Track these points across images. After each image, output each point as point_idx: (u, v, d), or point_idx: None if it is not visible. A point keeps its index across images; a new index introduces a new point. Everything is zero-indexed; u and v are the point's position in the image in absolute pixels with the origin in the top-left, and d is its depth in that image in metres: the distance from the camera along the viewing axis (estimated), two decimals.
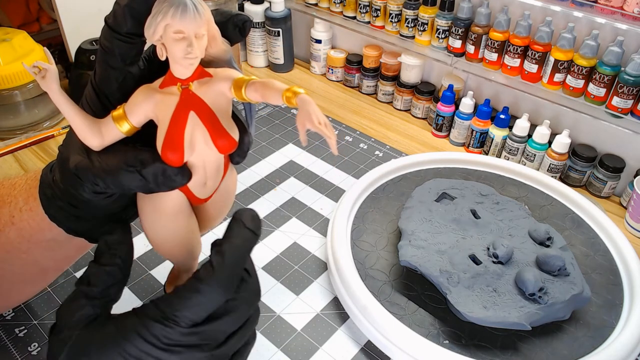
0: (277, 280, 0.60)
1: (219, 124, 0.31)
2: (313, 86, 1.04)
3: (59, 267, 0.44)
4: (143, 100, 0.31)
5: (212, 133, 0.30)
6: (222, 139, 0.31)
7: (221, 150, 0.31)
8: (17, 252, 0.38)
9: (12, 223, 0.37)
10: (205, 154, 0.31)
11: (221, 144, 0.31)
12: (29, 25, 1.00)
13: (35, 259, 0.39)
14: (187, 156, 0.31)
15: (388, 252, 0.61)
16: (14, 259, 0.38)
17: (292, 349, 0.53)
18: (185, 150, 0.30)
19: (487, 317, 0.49)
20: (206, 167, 0.33)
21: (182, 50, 0.28)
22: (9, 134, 0.85)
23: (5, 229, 0.38)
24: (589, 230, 0.65)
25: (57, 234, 0.36)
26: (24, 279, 0.42)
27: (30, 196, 0.37)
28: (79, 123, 0.31)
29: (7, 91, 0.82)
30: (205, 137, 0.30)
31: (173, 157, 0.30)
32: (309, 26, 1.05)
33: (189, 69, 0.30)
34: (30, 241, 0.37)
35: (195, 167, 0.32)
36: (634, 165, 0.76)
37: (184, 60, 0.29)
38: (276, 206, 0.71)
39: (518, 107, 0.86)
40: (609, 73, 0.69)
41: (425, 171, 0.74)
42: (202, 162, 0.32)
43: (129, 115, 0.31)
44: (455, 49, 0.84)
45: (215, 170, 0.33)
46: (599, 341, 0.52)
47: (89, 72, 0.90)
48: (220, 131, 0.31)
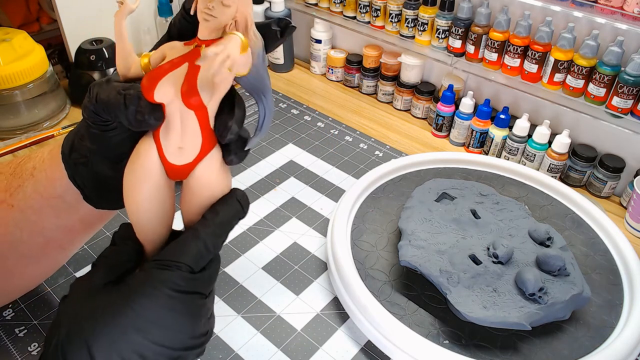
0: (277, 280, 0.60)
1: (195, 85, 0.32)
2: (313, 86, 1.04)
3: (62, 244, 0.45)
4: (166, 45, 0.34)
5: (185, 86, 0.32)
6: (192, 97, 0.32)
7: (184, 98, 0.32)
8: (30, 211, 0.41)
9: (32, 175, 0.41)
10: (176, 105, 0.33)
11: (188, 98, 0.32)
12: (29, 25, 1.00)
13: (42, 227, 0.42)
14: (157, 93, 0.32)
15: (388, 252, 0.61)
16: (25, 222, 0.41)
17: (292, 349, 0.53)
18: (158, 85, 0.32)
19: (487, 317, 0.49)
20: (183, 125, 0.33)
21: (203, 2, 0.31)
22: (9, 134, 0.85)
23: (25, 183, 0.41)
24: (589, 230, 0.65)
25: (67, 191, 0.40)
26: (29, 252, 0.44)
27: (54, 149, 0.41)
28: (118, 50, 0.34)
29: (7, 91, 0.82)
30: (178, 86, 0.32)
31: (146, 85, 0.32)
32: (309, 26, 1.05)
33: (204, 26, 0.32)
34: (42, 197, 0.40)
35: (171, 118, 0.33)
36: (634, 165, 0.76)
37: (201, 13, 0.31)
38: (276, 206, 0.71)
39: (518, 107, 0.86)
40: (609, 73, 0.69)
41: (425, 171, 0.74)
42: (178, 116, 0.33)
43: (152, 54, 0.35)
44: (455, 49, 0.84)
45: (191, 136, 0.33)
46: (599, 341, 0.52)
47: (89, 72, 0.90)
48: (193, 90, 0.32)
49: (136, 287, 0.32)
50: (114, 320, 0.31)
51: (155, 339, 0.32)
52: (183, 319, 0.33)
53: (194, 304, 0.33)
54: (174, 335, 0.32)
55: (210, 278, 0.35)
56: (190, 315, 0.33)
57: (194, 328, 0.34)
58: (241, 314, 0.56)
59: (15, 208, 0.41)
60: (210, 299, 0.36)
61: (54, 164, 0.40)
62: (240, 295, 0.58)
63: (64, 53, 0.99)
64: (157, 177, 0.35)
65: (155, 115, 0.33)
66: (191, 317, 0.33)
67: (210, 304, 0.36)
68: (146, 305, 0.32)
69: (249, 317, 0.56)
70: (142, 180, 0.34)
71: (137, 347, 0.31)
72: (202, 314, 0.34)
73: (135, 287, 0.32)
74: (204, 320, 0.35)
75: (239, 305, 0.57)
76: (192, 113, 0.33)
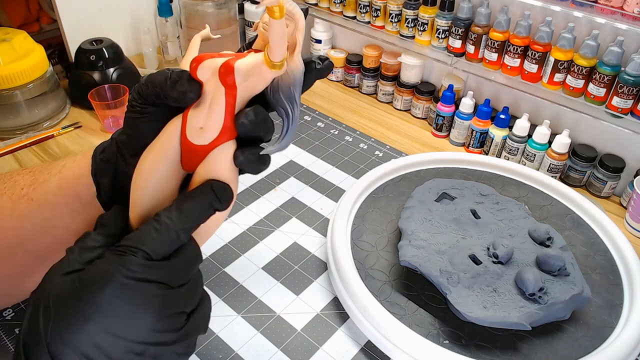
0: (277, 280, 0.60)
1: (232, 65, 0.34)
2: (313, 86, 1.04)
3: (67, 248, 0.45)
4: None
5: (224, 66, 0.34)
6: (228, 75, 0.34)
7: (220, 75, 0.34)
8: (47, 207, 0.42)
9: (59, 172, 0.42)
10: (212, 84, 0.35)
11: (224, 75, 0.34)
12: (29, 25, 1.00)
13: (53, 225, 0.42)
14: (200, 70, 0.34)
15: (388, 252, 0.61)
16: (39, 217, 0.42)
17: (292, 349, 0.53)
18: (202, 64, 0.34)
19: (487, 317, 0.49)
20: (211, 104, 0.35)
21: (263, 19, 0.36)
22: (9, 134, 0.85)
23: (51, 178, 0.42)
24: (589, 230, 0.65)
25: (85, 189, 0.41)
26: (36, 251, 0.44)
27: (89, 150, 0.42)
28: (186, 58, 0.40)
29: (7, 91, 0.82)
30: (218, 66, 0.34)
31: (193, 64, 0.35)
32: (309, 26, 1.05)
33: (260, 37, 0.38)
34: (63, 192, 0.41)
35: (203, 98, 0.35)
36: (634, 165, 0.76)
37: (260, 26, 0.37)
38: (276, 206, 0.71)
39: (518, 107, 0.86)
40: (609, 73, 0.69)
41: (425, 171, 0.74)
42: (210, 96, 0.35)
43: None
44: (455, 49, 0.84)
45: (215, 117, 0.35)
46: (599, 341, 0.52)
47: (89, 72, 0.90)
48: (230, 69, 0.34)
49: (89, 274, 0.31)
50: (65, 313, 0.30)
51: (108, 329, 0.30)
52: (138, 308, 0.31)
53: (151, 293, 0.31)
54: (128, 326, 0.31)
55: (176, 268, 0.33)
56: (147, 305, 0.31)
57: (154, 320, 0.32)
58: (241, 314, 0.56)
59: (34, 202, 0.42)
60: (184, 292, 0.34)
61: (83, 163, 0.41)
62: (240, 295, 0.58)
63: (64, 53, 0.99)
64: (172, 155, 0.36)
65: (194, 88, 0.34)
66: (147, 307, 0.31)
67: (180, 298, 0.33)
68: (96, 292, 0.30)
69: (249, 317, 0.56)
70: (158, 151, 0.36)
71: (91, 337, 0.30)
72: (166, 306, 0.32)
73: (89, 274, 0.31)
74: (171, 314, 0.33)
75: (239, 305, 0.57)
76: (222, 92, 0.34)
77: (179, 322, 0.33)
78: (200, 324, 0.36)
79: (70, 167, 0.42)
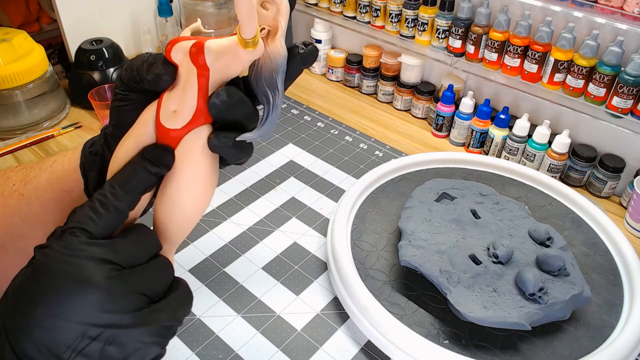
0: (277, 280, 0.60)
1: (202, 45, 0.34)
2: (313, 86, 1.04)
3: None
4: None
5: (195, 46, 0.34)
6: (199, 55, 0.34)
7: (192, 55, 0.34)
8: (37, 203, 0.41)
9: (50, 167, 0.42)
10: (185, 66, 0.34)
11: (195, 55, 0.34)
12: (29, 25, 1.00)
13: (44, 222, 0.42)
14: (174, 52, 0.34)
15: (388, 252, 0.61)
16: (30, 213, 0.42)
17: (292, 349, 0.53)
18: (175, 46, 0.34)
19: (487, 317, 0.49)
20: (184, 88, 0.34)
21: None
22: (9, 134, 0.85)
23: (42, 174, 0.42)
24: (589, 230, 0.65)
25: (75, 185, 0.41)
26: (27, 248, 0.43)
27: (79, 146, 0.42)
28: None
29: (7, 91, 0.82)
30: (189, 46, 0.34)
31: (168, 47, 0.35)
32: (309, 26, 1.05)
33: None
34: (53, 188, 0.41)
35: (178, 81, 0.35)
36: (634, 165, 0.76)
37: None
38: (276, 206, 0.71)
39: (518, 107, 0.86)
40: (609, 73, 0.69)
41: (425, 171, 0.74)
42: (183, 78, 0.34)
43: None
44: (455, 49, 0.84)
45: (188, 100, 0.34)
46: (599, 341, 0.52)
47: (89, 72, 0.90)
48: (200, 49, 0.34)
49: (35, 260, 0.31)
50: (18, 298, 0.30)
51: (52, 311, 0.29)
52: (80, 287, 0.30)
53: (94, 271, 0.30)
54: (72, 306, 0.30)
55: (123, 247, 0.32)
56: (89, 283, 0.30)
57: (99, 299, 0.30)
58: (241, 314, 0.56)
59: (24, 197, 0.42)
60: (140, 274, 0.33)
61: (73, 157, 0.41)
62: (240, 295, 0.58)
63: (64, 53, 0.99)
64: (147, 140, 0.35)
65: (168, 71, 0.34)
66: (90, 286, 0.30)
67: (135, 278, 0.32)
68: (37, 276, 0.30)
69: (249, 317, 0.56)
70: (134, 137, 0.36)
71: (39, 321, 0.29)
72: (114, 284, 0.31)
73: (34, 260, 0.31)
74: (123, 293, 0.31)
75: (239, 305, 0.57)
76: (194, 73, 0.34)
77: (134, 303, 0.32)
78: (171, 311, 0.34)
79: (61, 162, 0.42)
